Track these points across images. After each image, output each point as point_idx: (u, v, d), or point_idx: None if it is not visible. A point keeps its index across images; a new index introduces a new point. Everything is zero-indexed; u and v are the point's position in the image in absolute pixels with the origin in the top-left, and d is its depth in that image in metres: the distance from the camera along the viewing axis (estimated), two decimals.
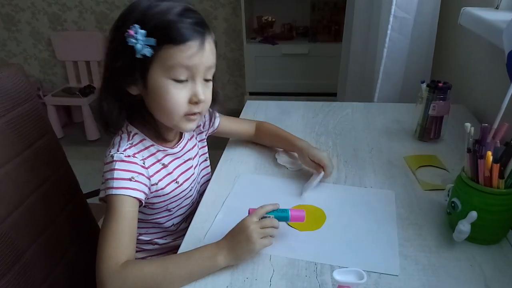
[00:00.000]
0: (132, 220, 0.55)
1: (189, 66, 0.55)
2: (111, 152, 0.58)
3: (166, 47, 0.53)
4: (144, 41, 0.52)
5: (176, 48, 0.53)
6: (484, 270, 0.52)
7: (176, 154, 0.66)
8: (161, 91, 0.55)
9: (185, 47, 0.53)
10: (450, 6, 1.16)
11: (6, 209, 0.62)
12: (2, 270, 0.60)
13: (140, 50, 0.52)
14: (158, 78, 0.55)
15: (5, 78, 0.66)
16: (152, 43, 0.52)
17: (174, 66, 0.54)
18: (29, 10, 2.34)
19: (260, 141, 0.84)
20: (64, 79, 2.52)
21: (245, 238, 0.51)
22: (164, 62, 0.54)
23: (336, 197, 0.68)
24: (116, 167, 0.56)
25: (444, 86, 0.80)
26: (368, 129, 0.91)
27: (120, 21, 0.55)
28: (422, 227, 0.60)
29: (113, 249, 0.51)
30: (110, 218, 0.53)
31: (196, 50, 0.54)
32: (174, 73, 0.54)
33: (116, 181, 0.55)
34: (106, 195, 0.55)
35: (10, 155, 0.65)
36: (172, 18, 0.53)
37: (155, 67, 0.54)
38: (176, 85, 0.55)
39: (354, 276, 0.51)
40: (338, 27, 1.99)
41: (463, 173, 0.56)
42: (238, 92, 2.38)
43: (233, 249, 0.52)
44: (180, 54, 0.54)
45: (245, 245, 0.51)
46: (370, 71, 1.26)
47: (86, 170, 2.00)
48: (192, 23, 0.54)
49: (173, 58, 0.54)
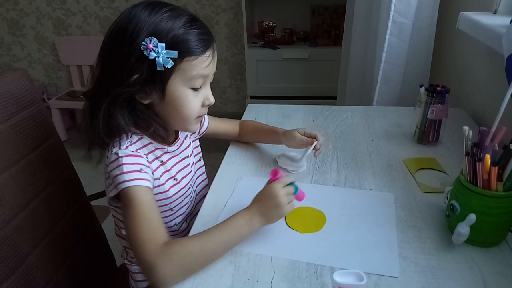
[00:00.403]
0: (154, 205, 0.56)
1: (205, 74, 0.59)
2: (113, 151, 0.58)
3: (186, 58, 0.56)
4: (165, 54, 0.54)
5: (196, 59, 0.56)
6: (483, 272, 0.52)
7: (173, 152, 0.67)
8: (181, 100, 0.58)
9: (204, 57, 0.57)
10: (448, 11, 1.17)
11: (10, 212, 0.63)
12: (6, 272, 0.61)
13: (162, 63, 0.54)
14: (177, 88, 0.57)
15: (10, 83, 0.68)
16: (175, 56, 0.54)
17: (195, 77, 0.57)
18: (34, 15, 2.37)
19: (245, 138, 0.85)
20: (68, 83, 2.54)
21: (275, 204, 0.55)
22: (185, 73, 0.56)
23: (336, 199, 0.68)
24: (123, 162, 0.56)
25: (442, 90, 0.80)
26: (367, 132, 0.92)
27: (126, 35, 0.54)
28: (422, 230, 0.60)
29: (149, 234, 0.52)
30: (133, 209, 0.54)
31: (211, 59, 0.58)
32: (193, 82, 0.58)
33: (127, 174, 0.55)
34: (119, 190, 0.55)
35: (15, 158, 0.66)
36: (185, 29, 0.55)
37: (175, 77, 0.56)
38: (194, 93, 0.59)
39: (354, 278, 0.51)
40: (338, 32, 2.00)
41: (461, 176, 0.57)
42: (239, 96, 2.40)
43: (265, 214, 0.55)
44: (200, 65, 0.57)
45: (275, 210, 0.55)
46: (369, 75, 1.27)
47: (89, 172, 2.02)
48: (203, 33, 0.57)
49: (194, 70, 0.57)
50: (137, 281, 0.72)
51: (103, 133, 0.58)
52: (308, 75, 2.01)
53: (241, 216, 0.55)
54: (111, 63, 0.56)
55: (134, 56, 0.54)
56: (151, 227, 0.53)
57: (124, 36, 0.54)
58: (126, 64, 0.54)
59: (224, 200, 0.68)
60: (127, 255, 0.73)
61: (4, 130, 0.64)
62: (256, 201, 0.57)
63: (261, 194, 0.57)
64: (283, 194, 0.55)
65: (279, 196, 0.55)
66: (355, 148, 0.85)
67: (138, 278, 0.72)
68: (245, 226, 0.55)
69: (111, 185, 0.57)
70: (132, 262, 0.72)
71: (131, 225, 0.53)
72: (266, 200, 0.56)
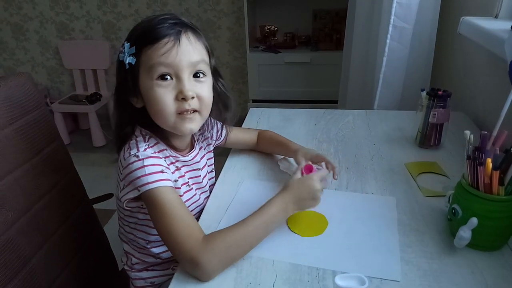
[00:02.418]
0: (181, 202, 0.57)
1: (167, 63, 0.56)
2: (132, 153, 0.58)
3: (144, 50, 0.57)
4: (128, 51, 0.57)
5: (152, 47, 0.56)
6: (485, 276, 0.52)
7: (187, 162, 0.67)
8: (149, 94, 0.58)
9: (160, 45, 0.56)
10: (449, 15, 1.18)
11: (13, 215, 0.63)
12: (9, 275, 0.61)
13: (126, 61, 0.57)
14: (145, 82, 0.58)
15: (15, 87, 0.68)
16: (133, 51, 0.57)
17: (153, 66, 0.56)
18: (37, 19, 2.39)
19: (262, 149, 0.85)
20: (71, 87, 2.56)
21: (311, 196, 0.59)
22: (146, 65, 0.57)
23: (338, 203, 0.68)
24: (145, 164, 0.56)
25: (444, 94, 0.81)
26: (369, 136, 0.92)
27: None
28: (424, 233, 0.60)
29: (187, 231, 0.53)
30: (162, 209, 0.54)
31: (171, 46, 0.56)
32: (155, 72, 0.56)
33: (150, 176, 0.55)
34: (141, 192, 0.55)
35: (19, 162, 0.66)
36: (151, 24, 0.58)
37: (141, 72, 0.58)
38: (161, 84, 0.57)
39: (355, 281, 0.51)
40: (339, 36, 2.01)
41: (463, 180, 0.57)
42: (241, 99, 2.40)
43: (298, 202, 0.58)
44: (155, 52, 0.56)
45: (311, 202, 0.59)
46: (371, 79, 1.28)
47: (92, 176, 2.02)
48: (168, 24, 0.57)
49: (151, 58, 0.56)
50: (138, 287, 0.72)
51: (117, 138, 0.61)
52: (310, 79, 2.02)
53: (275, 205, 0.57)
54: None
55: (118, 64, 0.59)
56: (186, 223, 0.54)
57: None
58: (118, 73, 0.60)
59: (225, 204, 0.69)
60: (127, 260, 0.73)
61: (8, 134, 0.65)
62: (291, 189, 0.59)
63: (298, 184, 0.59)
64: (319, 189, 0.59)
65: (318, 190, 0.59)
66: (357, 152, 0.85)
67: (138, 285, 0.72)
68: (279, 214, 0.57)
69: (128, 186, 0.57)
70: (132, 268, 0.72)
71: (165, 224, 0.54)
72: (303, 192, 0.58)
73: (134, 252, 0.71)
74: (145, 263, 0.71)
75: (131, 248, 0.71)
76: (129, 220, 0.67)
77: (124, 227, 0.70)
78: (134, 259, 0.70)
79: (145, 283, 0.72)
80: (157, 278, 0.72)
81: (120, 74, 0.60)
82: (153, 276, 0.71)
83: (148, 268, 0.71)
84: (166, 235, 0.54)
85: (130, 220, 0.67)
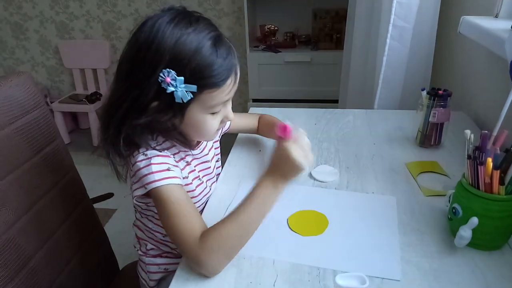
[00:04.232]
0: (186, 200, 0.56)
1: (225, 100, 0.58)
2: (140, 151, 0.57)
3: (207, 91, 0.54)
4: (184, 87, 0.52)
5: (217, 90, 0.55)
6: (486, 276, 0.52)
7: (196, 155, 0.68)
8: (200, 124, 0.58)
9: (225, 87, 0.56)
10: (449, 15, 1.17)
11: (14, 214, 0.63)
12: (10, 274, 0.61)
13: (179, 96, 0.53)
14: (196, 114, 0.57)
15: (15, 87, 0.68)
16: (194, 90, 0.53)
17: (214, 106, 0.57)
18: (37, 18, 2.39)
19: (262, 133, 0.87)
20: (71, 86, 2.56)
21: (294, 166, 0.53)
22: (204, 104, 0.56)
23: (338, 202, 0.68)
24: (152, 162, 0.56)
25: (444, 94, 0.81)
26: (369, 136, 0.92)
27: (147, 63, 0.52)
28: (424, 233, 0.60)
29: (187, 230, 0.53)
30: (166, 208, 0.55)
31: (232, 85, 0.57)
32: (213, 109, 0.58)
33: (157, 174, 0.56)
34: (148, 190, 0.56)
35: (19, 162, 0.66)
36: (207, 58, 0.53)
37: (194, 106, 0.56)
38: (213, 117, 0.59)
39: (356, 281, 0.52)
40: (339, 35, 2.01)
41: (463, 180, 0.57)
42: (241, 99, 2.40)
43: (286, 176, 0.55)
44: (220, 95, 0.56)
45: (296, 170, 0.54)
46: (371, 78, 1.27)
47: (92, 175, 2.02)
48: (226, 57, 0.55)
49: (214, 100, 0.56)
50: (150, 272, 0.72)
51: (123, 150, 0.57)
52: (310, 78, 2.01)
53: (264, 186, 0.55)
54: (128, 93, 0.54)
55: (153, 87, 0.52)
56: (187, 222, 0.54)
57: (146, 63, 0.52)
58: (144, 95, 0.53)
59: (226, 203, 0.69)
60: (140, 246, 0.73)
61: (8, 133, 0.65)
62: (274, 166, 0.56)
63: (277, 159, 0.56)
64: (298, 154, 0.53)
65: (295, 158, 0.53)
66: (357, 151, 0.85)
67: (152, 270, 0.72)
68: (272, 194, 0.55)
69: (137, 183, 0.58)
70: (146, 254, 0.72)
71: (169, 223, 0.55)
72: (284, 165, 0.54)
73: (150, 240, 0.72)
74: (159, 250, 0.72)
75: (147, 237, 0.72)
76: (146, 213, 0.68)
77: (141, 219, 0.70)
78: (150, 245, 0.71)
79: (159, 269, 0.72)
80: (171, 266, 0.72)
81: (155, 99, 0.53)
82: (167, 262, 0.72)
83: (162, 254, 0.72)
84: (170, 233, 0.55)
85: (147, 213, 0.68)
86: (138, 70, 0.53)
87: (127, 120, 0.55)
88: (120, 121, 0.55)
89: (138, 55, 0.53)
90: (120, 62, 0.56)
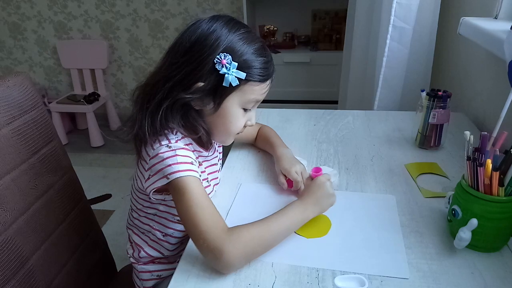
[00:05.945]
0: (207, 194, 0.58)
1: (259, 100, 0.63)
2: (163, 143, 0.58)
3: (251, 83, 0.59)
4: (235, 73, 0.57)
5: (258, 85, 0.60)
6: (485, 277, 0.52)
7: (207, 157, 0.69)
8: (231, 117, 0.62)
9: (265, 85, 0.62)
10: (449, 16, 1.18)
11: (11, 215, 0.63)
12: (7, 275, 0.60)
13: (230, 81, 0.57)
14: (233, 105, 0.61)
15: (13, 87, 0.68)
16: (242, 77, 0.57)
17: (251, 101, 0.62)
18: (35, 18, 2.38)
19: (258, 145, 0.86)
20: (69, 87, 2.55)
21: (325, 194, 0.62)
22: (244, 95, 0.60)
23: (339, 203, 0.68)
24: (178, 154, 0.58)
25: (444, 95, 0.81)
26: (369, 137, 0.92)
27: (207, 45, 0.57)
28: (423, 234, 0.60)
29: (212, 220, 0.54)
30: (190, 198, 0.55)
31: (268, 88, 0.63)
32: (249, 104, 0.62)
33: (182, 165, 0.57)
34: (170, 180, 0.56)
35: (16, 162, 0.66)
36: (258, 54, 0.59)
37: (234, 96, 0.60)
38: (243, 113, 0.63)
39: (355, 282, 0.51)
40: (339, 36, 2.01)
41: (463, 181, 0.57)
42: None
43: (317, 203, 0.61)
44: (260, 90, 0.61)
45: (327, 198, 0.62)
46: (370, 79, 1.28)
47: (90, 176, 2.02)
48: (270, 60, 0.62)
49: (254, 94, 0.61)
50: (143, 280, 0.72)
51: (148, 130, 0.59)
52: (309, 79, 2.02)
53: (296, 206, 0.60)
54: (181, 68, 0.58)
55: (207, 66, 0.57)
56: (211, 213, 0.55)
57: (205, 46, 0.57)
58: (196, 72, 0.57)
59: (225, 205, 0.68)
60: (133, 252, 0.73)
61: (5, 134, 0.64)
62: (307, 193, 0.62)
63: (310, 187, 0.63)
64: (329, 185, 0.62)
65: (327, 186, 0.62)
66: (357, 152, 0.85)
67: (144, 277, 0.72)
68: (299, 215, 0.59)
69: (156, 175, 0.58)
70: (139, 261, 0.72)
71: (191, 212, 0.54)
72: (317, 191, 0.62)
73: (144, 244, 0.71)
74: (151, 256, 0.71)
75: (142, 240, 0.71)
76: (149, 211, 0.67)
77: (140, 218, 0.70)
78: (143, 252, 0.71)
79: (152, 276, 0.72)
80: (164, 272, 0.72)
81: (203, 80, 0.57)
82: (160, 269, 0.72)
83: (155, 261, 0.72)
84: (191, 224, 0.54)
85: (150, 211, 0.68)
86: (197, 50, 0.58)
87: (172, 93, 0.58)
88: (166, 93, 0.58)
89: (198, 41, 0.58)
90: (177, 42, 0.60)
